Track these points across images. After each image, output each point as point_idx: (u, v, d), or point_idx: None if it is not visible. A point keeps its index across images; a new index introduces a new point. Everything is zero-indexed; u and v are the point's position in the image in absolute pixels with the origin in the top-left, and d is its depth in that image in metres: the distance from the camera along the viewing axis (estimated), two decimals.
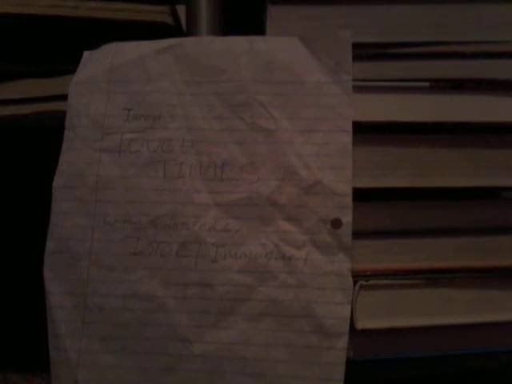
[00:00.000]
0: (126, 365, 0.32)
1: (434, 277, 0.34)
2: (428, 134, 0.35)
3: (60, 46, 0.37)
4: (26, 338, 0.38)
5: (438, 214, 0.35)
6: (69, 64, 0.35)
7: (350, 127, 0.33)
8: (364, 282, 0.33)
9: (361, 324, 0.33)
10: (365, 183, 0.34)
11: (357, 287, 0.33)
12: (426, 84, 0.35)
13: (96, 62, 0.35)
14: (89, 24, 0.36)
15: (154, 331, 0.32)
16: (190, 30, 0.39)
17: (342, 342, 0.31)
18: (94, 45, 0.35)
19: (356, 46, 0.34)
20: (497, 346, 0.34)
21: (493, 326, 0.34)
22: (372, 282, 0.33)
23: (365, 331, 0.33)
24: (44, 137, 0.36)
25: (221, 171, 0.33)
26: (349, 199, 0.32)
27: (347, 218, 0.32)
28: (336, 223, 0.32)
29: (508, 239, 0.35)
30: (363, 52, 0.35)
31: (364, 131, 0.34)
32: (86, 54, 0.36)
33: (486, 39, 0.36)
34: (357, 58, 0.34)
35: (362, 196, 0.33)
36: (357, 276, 0.33)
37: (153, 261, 0.33)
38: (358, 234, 0.33)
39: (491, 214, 0.35)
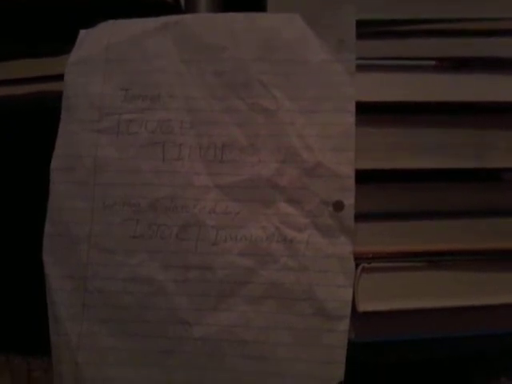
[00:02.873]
0: (126, 347, 0.32)
1: (435, 259, 0.34)
2: (430, 115, 0.34)
3: (56, 25, 0.36)
4: (28, 321, 0.38)
5: (439, 196, 0.34)
6: (66, 43, 0.34)
7: (352, 107, 0.32)
8: (366, 265, 0.33)
9: (362, 306, 0.32)
10: (366, 165, 0.33)
11: (358, 270, 0.32)
12: (432, 63, 0.34)
13: (93, 40, 0.34)
14: (85, 1, 0.35)
15: (154, 314, 0.32)
16: (189, 7, 0.38)
17: (344, 325, 0.31)
18: (90, 23, 0.35)
19: (358, 24, 0.33)
20: (497, 328, 0.34)
21: (493, 308, 0.34)
22: (373, 264, 0.33)
23: (366, 314, 0.33)
24: (41, 117, 0.35)
25: (221, 153, 0.33)
26: (351, 181, 0.32)
27: (349, 201, 0.32)
28: (338, 206, 0.32)
29: (509, 221, 0.35)
30: (365, 30, 0.34)
31: (366, 111, 0.33)
32: (82, 32, 0.35)
33: (491, 16, 0.35)
34: (359, 35, 0.33)
35: (363, 178, 0.33)
36: (358, 259, 0.32)
37: (153, 244, 0.32)
38: (359, 217, 0.32)
39: (492, 196, 0.35)
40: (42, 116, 0.34)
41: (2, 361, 0.39)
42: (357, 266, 0.32)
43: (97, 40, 0.34)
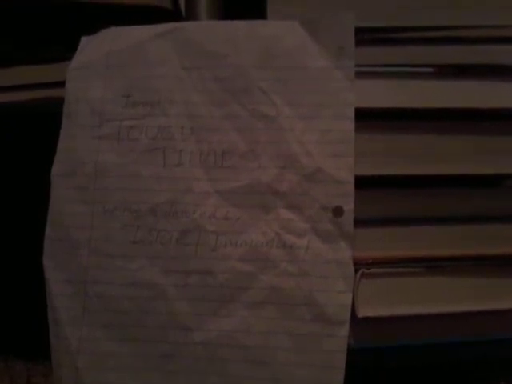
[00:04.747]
0: (126, 352, 0.32)
1: (435, 265, 0.34)
2: (429, 121, 0.34)
3: (58, 31, 0.36)
4: (28, 326, 0.38)
5: (439, 202, 0.35)
6: (68, 50, 0.35)
7: (352, 114, 0.33)
8: (365, 270, 0.33)
9: (362, 312, 0.33)
10: (365, 171, 0.33)
11: (358, 275, 0.33)
12: (430, 70, 0.34)
13: (94, 47, 0.35)
14: (87, 8, 0.36)
15: (154, 319, 0.32)
16: (189, 14, 0.38)
17: (344, 330, 0.31)
18: (92, 30, 0.35)
19: (357, 31, 0.33)
20: (498, 333, 0.34)
21: (493, 313, 0.34)
22: (373, 270, 0.33)
23: (366, 319, 0.33)
24: (43, 123, 0.35)
25: (221, 159, 0.33)
26: (350, 187, 0.32)
27: (349, 206, 0.32)
28: (337, 211, 0.32)
29: (509, 227, 0.35)
30: (364, 37, 0.34)
31: (365, 118, 0.33)
32: (83, 39, 0.35)
33: (490, 24, 0.35)
34: (358, 42, 0.33)
35: (362, 183, 0.33)
36: (358, 264, 0.32)
37: (153, 249, 0.33)
38: (359, 222, 0.32)
39: (492, 203, 0.35)
40: (43, 122, 0.34)
41: (1, 366, 0.39)
42: (356, 271, 0.32)
43: (98, 46, 0.35)
